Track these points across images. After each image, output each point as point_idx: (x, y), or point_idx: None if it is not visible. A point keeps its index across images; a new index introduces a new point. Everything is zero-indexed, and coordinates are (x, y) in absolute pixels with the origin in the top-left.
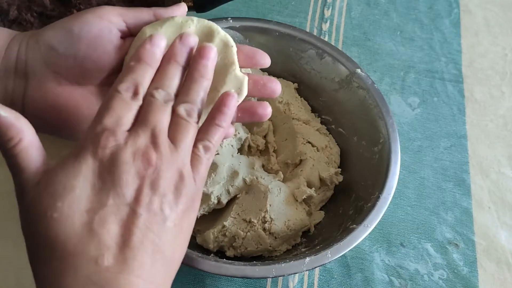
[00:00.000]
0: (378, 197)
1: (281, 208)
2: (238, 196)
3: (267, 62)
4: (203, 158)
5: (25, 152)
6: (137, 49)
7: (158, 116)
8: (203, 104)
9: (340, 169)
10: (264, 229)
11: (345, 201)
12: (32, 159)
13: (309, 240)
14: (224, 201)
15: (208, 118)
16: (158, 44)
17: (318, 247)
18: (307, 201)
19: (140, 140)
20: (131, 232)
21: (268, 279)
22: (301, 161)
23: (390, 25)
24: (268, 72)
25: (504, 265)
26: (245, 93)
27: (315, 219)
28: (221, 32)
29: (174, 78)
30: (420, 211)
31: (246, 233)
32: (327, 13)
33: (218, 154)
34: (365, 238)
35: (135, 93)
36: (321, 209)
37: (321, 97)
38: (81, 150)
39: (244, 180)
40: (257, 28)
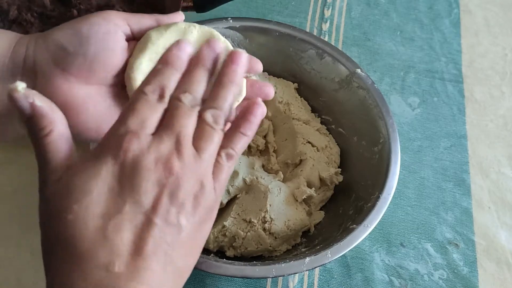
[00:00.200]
0: (378, 197)
1: (281, 208)
2: (238, 196)
3: (260, 68)
4: (225, 166)
5: (54, 144)
6: (163, 53)
7: (184, 121)
8: (230, 110)
9: (340, 169)
10: (264, 229)
11: (345, 201)
12: (59, 151)
13: (309, 240)
14: (224, 201)
15: (233, 125)
16: (185, 49)
17: (318, 247)
18: (307, 201)
19: (164, 145)
20: (145, 242)
21: (268, 279)
22: (301, 161)
23: (390, 25)
24: (268, 72)
25: (504, 265)
26: (244, 94)
27: (315, 219)
28: (221, 38)
29: (201, 83)
30: (420, 211)
31: (246, 233)
32: (327, 13)
33: None
34: (365, 238)
35: (161, 96)
36: (321, 209)
37: (321, 97)
38: (102, 151)
39: (244, 180)
40: (257, 28)
